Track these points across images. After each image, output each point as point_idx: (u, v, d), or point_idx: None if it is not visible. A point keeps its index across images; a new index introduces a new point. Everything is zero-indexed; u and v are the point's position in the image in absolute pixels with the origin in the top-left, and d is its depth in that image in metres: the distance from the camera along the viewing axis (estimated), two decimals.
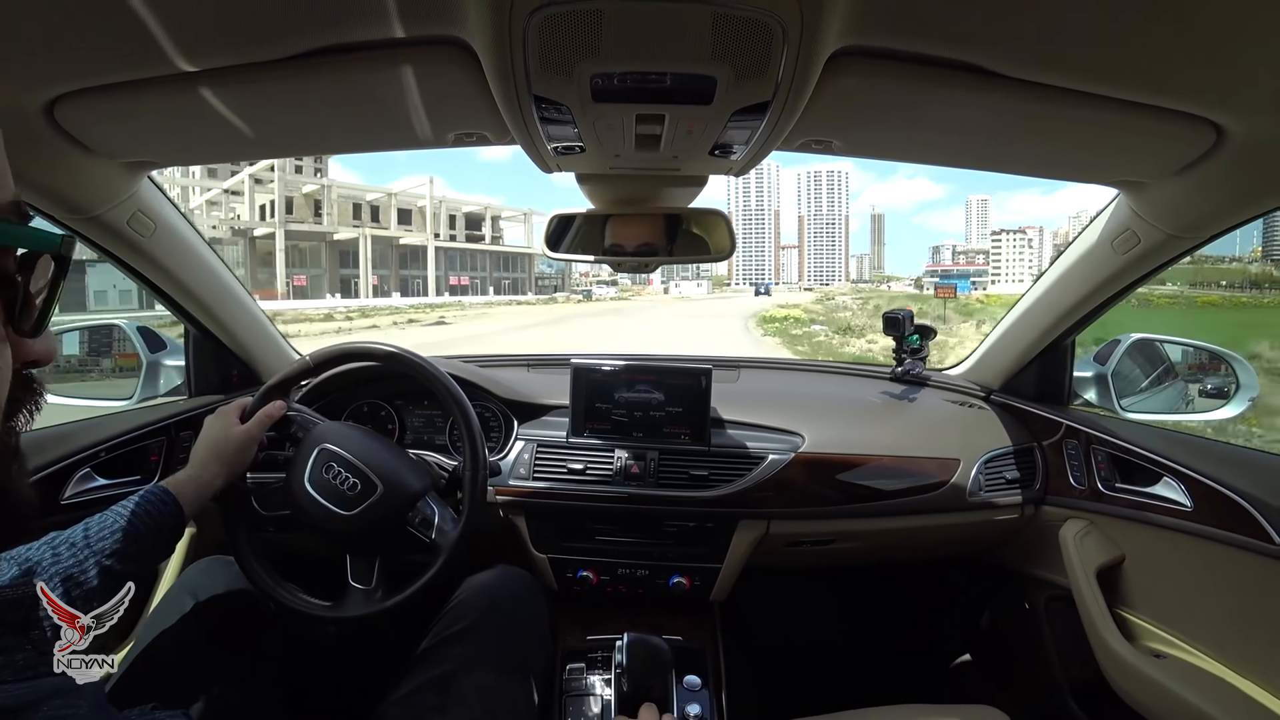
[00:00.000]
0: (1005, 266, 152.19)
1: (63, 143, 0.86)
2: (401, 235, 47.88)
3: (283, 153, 1.08)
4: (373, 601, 1.01)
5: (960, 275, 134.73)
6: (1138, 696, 1.08)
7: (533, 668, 1.02)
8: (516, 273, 59.43)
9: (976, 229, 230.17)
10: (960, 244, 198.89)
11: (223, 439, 0.99)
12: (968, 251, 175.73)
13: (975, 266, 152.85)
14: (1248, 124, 0.75)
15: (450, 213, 52.78)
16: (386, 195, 48.04)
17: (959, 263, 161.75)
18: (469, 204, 56.02)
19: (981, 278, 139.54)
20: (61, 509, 1.11)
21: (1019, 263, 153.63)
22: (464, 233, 53.95)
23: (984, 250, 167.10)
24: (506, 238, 62.53)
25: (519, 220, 62.91)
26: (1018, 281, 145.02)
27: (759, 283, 73.10)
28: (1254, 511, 0.97)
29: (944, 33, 0.65)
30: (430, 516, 1.02)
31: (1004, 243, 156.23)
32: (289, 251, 40.80)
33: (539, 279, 63.75)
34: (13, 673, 0.48)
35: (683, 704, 1.13)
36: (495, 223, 59.50)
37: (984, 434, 1.40)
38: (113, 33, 0.65)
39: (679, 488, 1.30)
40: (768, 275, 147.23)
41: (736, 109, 0.76)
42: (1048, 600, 1.38)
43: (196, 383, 1.46)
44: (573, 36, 0.62)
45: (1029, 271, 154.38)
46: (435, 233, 50.01)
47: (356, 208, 45.64)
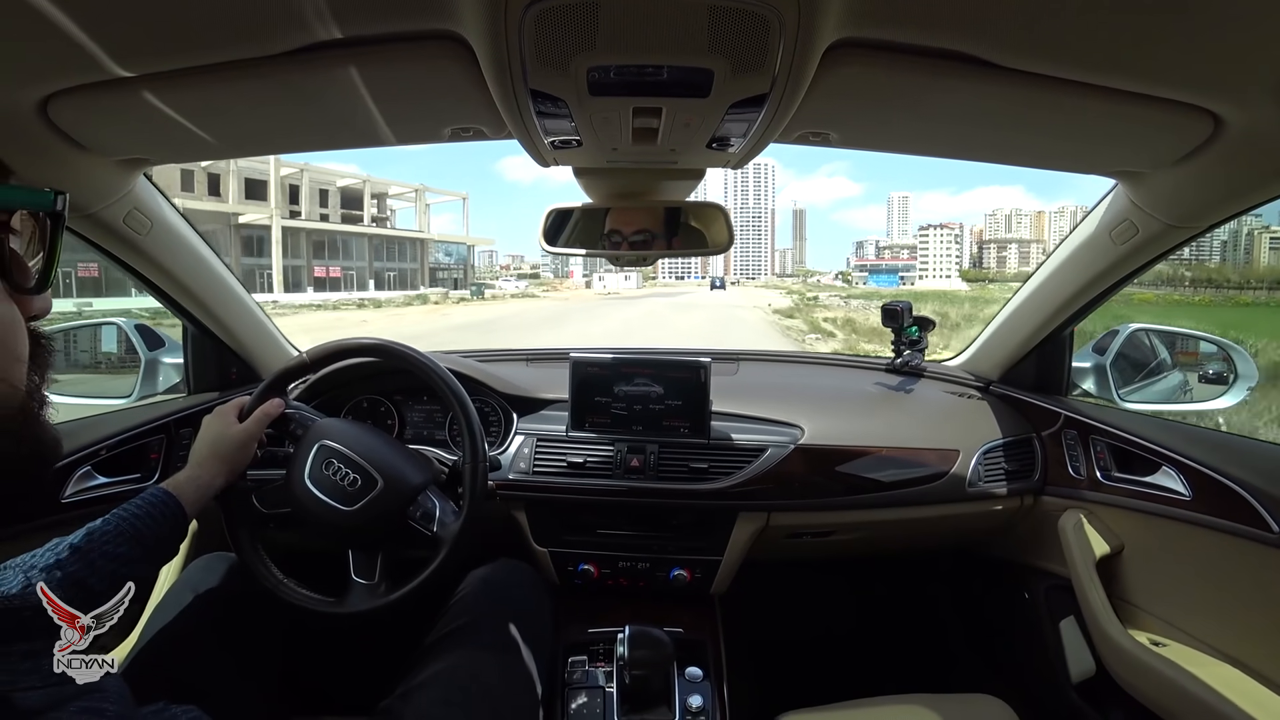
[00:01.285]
0: (933, 262, 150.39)
1: (57, 140, 0.86)
2: (243, 212, 33.40)
3: (278, 149, 1.07)
4: (376, 596, 1.01)
5: (889, 270, 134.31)
6: (1137, 685, 1.08)
7: (535, 661, 1.03)
8: (405, 262, 46.54)
9: (897, 225, 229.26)
10: (883, 239, 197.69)
11: (222, 438, 1.00)
12: (892, 246, 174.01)
13: (903, 261, 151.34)
14: (1246, 113, 0.75)
15: (320, 187, 39.33)
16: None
17: (884, 258, 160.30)
18: (345, 177, 41.96)
19: (909, 273, 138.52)
20: (62, 507, 1.11)
21: (946, 258, 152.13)
22: (339, 212, 41.05)
23: (908, 245, 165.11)
24: (399, 220, 49.61)
25: (409, 199, 49.28)
26: (945, 277, 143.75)
27: (714, 277, 70.25)
28: (1252, 500, 0.97)
29: (941, 23, 0.65)
30: (431, 510, 1.02)
31: (931, 237, 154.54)
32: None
33: (437, 269, 51.27)
34: (40, 678, 0.49)
35: (684, 695, 1.14)
36: (381, 201, 47.60)
37: (983, 425, 1.40)
38: (106, 29, 0.65)
39: (679, 480, 1.30)
40: (695, 268, 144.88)
41: (734, 102, 0.76)
42: (1047, 590, 1.39)
43: (195, 380, 1.46)
44: (569, 30, 0.62)
45: (956, 266, 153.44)
46: (295, 210, 36.75)
47: (187, 175, 30.36)
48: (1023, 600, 1.46)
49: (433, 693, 0.91)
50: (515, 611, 1.06)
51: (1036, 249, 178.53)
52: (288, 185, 36.60)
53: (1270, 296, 50.32)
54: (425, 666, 0.95)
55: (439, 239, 52.99)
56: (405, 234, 47.53)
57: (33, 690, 0.48)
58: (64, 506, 1.11)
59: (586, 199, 1.17)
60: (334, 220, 40.54)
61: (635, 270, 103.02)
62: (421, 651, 0.99)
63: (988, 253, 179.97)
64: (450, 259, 53.86)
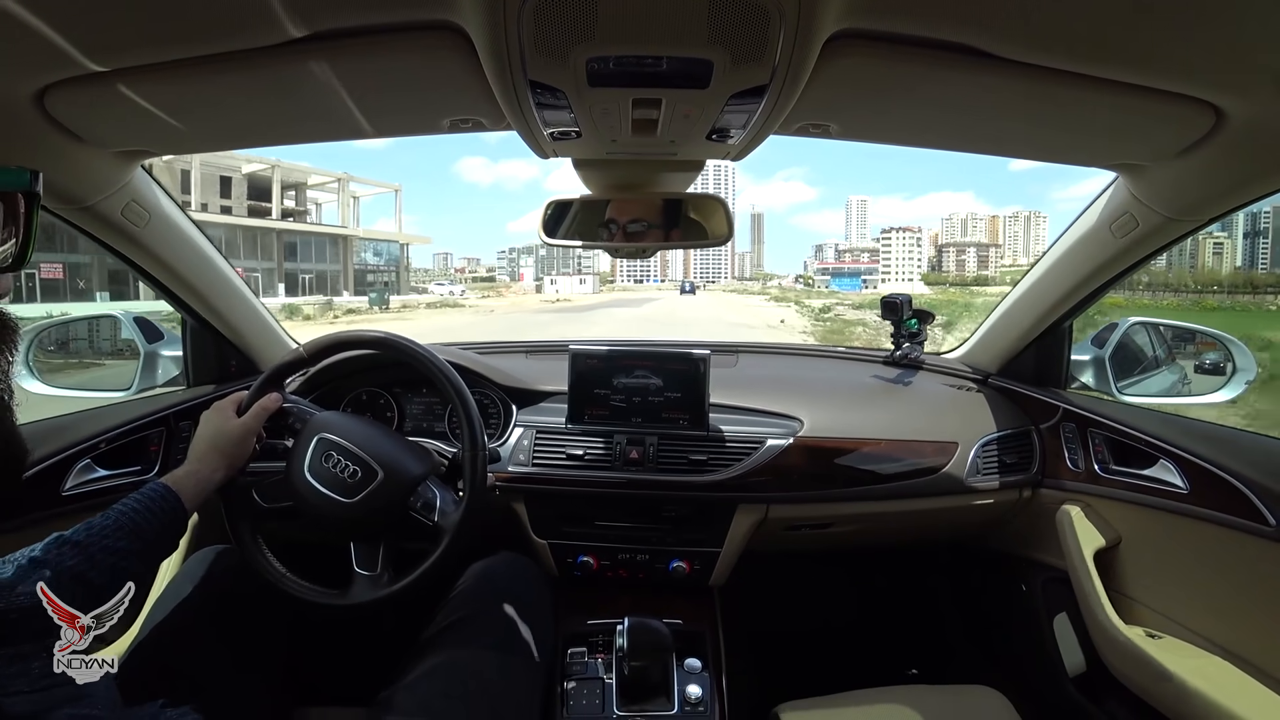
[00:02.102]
0: (895, 265, 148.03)
1: (54, 132, 0.86)
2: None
3: (275, 140, 1.07)
4: (379, 587, 1.02)
5: (851, 273, 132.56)
6: (1134, 677, 1.09)
7: (536, 652, 1.04)
8: (325, 263, 38.96)
9: (856, 228, 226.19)
10: (842, 243, 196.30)
11: (220, 432, 1.00)
12: (852, 250, 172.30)
13: (865, 265, 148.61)
14: (1248, 106, 0.75)
15: (221, 174, 33.18)
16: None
17: (845, 260, 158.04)
18: (251, 163, 35.01)
19: (872, 276, 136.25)
20: (62, 500, 1.11)
21: (909, 261, 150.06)
22: (245, 204, 34.28)
23: (868, 249, 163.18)
24: (325, 214, 42.49)
25: (331, 189, 41.93)
26: (907, 280, 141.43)
27: (684, 281, 67.11)
28: (1249, 493, 0.97)
29: (942, 15, 0.65)
30: (432, 500, 1.03)
31: (894, 240, 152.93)
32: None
33: (365, 271, 43.57)
34: (28, 682, 0.49)
35: (683, 686, 1.14)
36: (300, 193, 40.56)
37: (981, 417, 1.40)
38: (102, 20, 0.64)
39: (678, 472, 1.30)
40: (654, 271, 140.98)
41: (734, 93, 0.75)
42: (1045, 582, 1.39)
43: (195, 372, 1.46)
44: (568, 20, 0.62)
45: (918, 270, 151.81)
46: (186, 201, 27.04)
47: None
48: (1020, 592, 1.47)
49: (433, 685, 0.92)
50: (515, 604, 1.07)
51: (995, 253, 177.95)
52: (178, 170, 30.10)
53: (1234, 301, 50.78)
54: (425, 659, 0.95)
55: (365, 236, 45.34)
56: (323, 230, 40.47)
57: (19, 695, 0.47)
58: (64, 499, 1.12)
59: (585, 190, 1.16)
60: (239, 213, 33.89)
61: (592, 274, 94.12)
62: (422, 644, 0.99)
63: (947, 256, 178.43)
64: (380, 259, 46.18)
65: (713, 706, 1.14)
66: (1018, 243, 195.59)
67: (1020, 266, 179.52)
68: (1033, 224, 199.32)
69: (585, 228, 1.17)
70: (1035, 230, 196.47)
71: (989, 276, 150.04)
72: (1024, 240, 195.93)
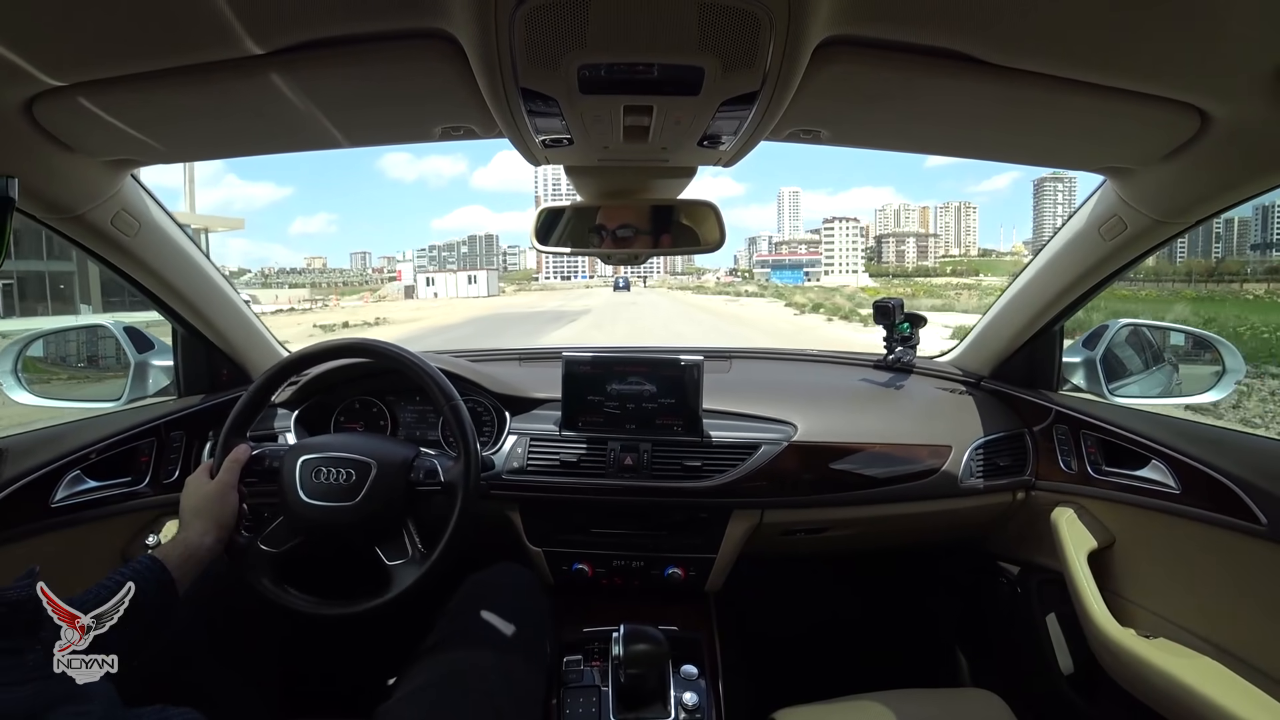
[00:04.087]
0: (838, 256, 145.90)
1: (43, 141, 0.85)
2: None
3: (266, 149, 1.07)
4: (419, 565, 1.02)
5: (793, 265, 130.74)
6: (1129, 677, 1.09)
7: (533, 663, 1.03)
8: (46, 261, 23.88)
9: (789, 220, 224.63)
10: (775, 235, 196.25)
11: (198, 495, 1.00)
12: (789, 242, 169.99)
13: (806, 256, 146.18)
14: (1232, 109, 0.76)
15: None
16: None
17: (783, 253, 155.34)
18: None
19: (815, 268, 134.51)
20: (52, 512, 1.10)
21: (852, 251, 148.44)
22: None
23: (805, 240, 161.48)
24: None
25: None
26: (851, 272, 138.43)
27: (618, 278, 65.35)
28: (1240, 493, 0.98)
29: (931, 21, 0.65)
30: (432, 466, 1.06)
31: (836, 230, 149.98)
32: None
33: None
34: (22, 673, 0.48)
35: (680, 693, 1.14)
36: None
37: (974, 420, 1.41)
38: (91, 29, 0.64)
39: (673, 479, 1.30)
40: (581, 269, 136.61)
41: (724, 99, 0.76)
42: (1039, 584, 1.40)
43: (185, 382, 1.45)
44: (559, 28, 0.62)
45: (862, 260, 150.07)
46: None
47: None
48: (1015, 594, 1.47)
49: (432, 694, 0.91)
50: (513, 614, 1.06)
51: (934, 243, 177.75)
52: None
53: (1211, 291, 51.84)
54: (424, 670, 0.95)
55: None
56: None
57: (15, 686, 0.47)
58: (54, 511, 1.10)
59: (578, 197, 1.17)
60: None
61: (488, 269, 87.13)
62: (420, 654, 0.99)
63: (886, 247, 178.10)
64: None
65: (710, 713, 1.13)
66: (949, 233, 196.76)
67: (954, 258, 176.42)
68: (963, 214, 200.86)
69: (577, 234, 1.17)
70: (966, 221, 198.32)
71: (930, 268, 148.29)
72: (955, 231, 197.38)
